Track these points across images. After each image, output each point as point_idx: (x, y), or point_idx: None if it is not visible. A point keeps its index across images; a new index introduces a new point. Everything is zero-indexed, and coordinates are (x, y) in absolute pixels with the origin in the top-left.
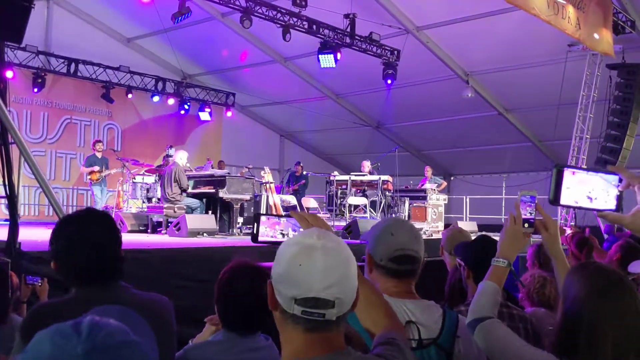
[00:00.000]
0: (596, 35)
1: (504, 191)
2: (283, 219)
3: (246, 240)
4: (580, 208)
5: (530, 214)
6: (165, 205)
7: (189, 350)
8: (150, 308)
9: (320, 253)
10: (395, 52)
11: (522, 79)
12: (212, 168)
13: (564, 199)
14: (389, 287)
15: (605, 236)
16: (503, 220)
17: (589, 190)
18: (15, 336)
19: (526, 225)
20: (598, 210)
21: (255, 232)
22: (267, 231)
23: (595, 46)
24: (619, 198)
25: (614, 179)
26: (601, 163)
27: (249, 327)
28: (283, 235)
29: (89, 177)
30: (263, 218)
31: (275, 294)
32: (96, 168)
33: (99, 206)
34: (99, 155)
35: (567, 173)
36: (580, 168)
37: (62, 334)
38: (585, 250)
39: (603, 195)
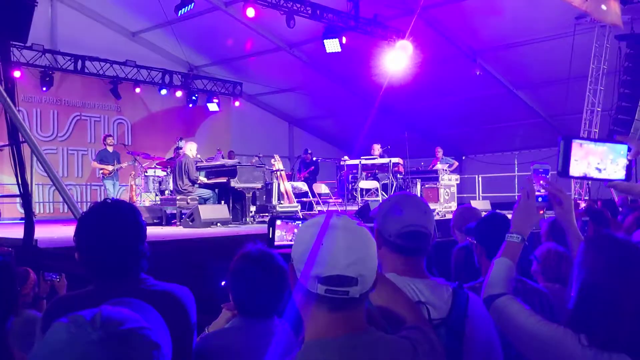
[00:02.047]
0: (604, 7)
1: (516, 168)
2: (300, 222)
3: (259, 228)
4: (589, 179)
5: (544, 187)
6: (178, 197)
7: (206, 339)
8: (168, 300)
9: (341, 232)
10: (401, 33)
11: (530, 55)
12: (223, 158)
13: (573, 171)
14: (398, 265)
15: (620, 209)
16: (516, 197)
17: (597, 161)
18: (29, 333)
19: (540, 199)
20: (608, 181)
21: (270, 236)
22: (285, 235)
23: (604, 17)
24: (629, 167)
25: (622, 148)
26: (614, 136)
27: (264, 312)
28: None
29: (101, 171)
30: (278, 222)
31: (297, 275)
32: (109, 167)
33: None
34: (110, 149)
35: (575, 145)
36: (588, 139)
37: (76, 323)
38: (602, 223)
39: (612, 166)
